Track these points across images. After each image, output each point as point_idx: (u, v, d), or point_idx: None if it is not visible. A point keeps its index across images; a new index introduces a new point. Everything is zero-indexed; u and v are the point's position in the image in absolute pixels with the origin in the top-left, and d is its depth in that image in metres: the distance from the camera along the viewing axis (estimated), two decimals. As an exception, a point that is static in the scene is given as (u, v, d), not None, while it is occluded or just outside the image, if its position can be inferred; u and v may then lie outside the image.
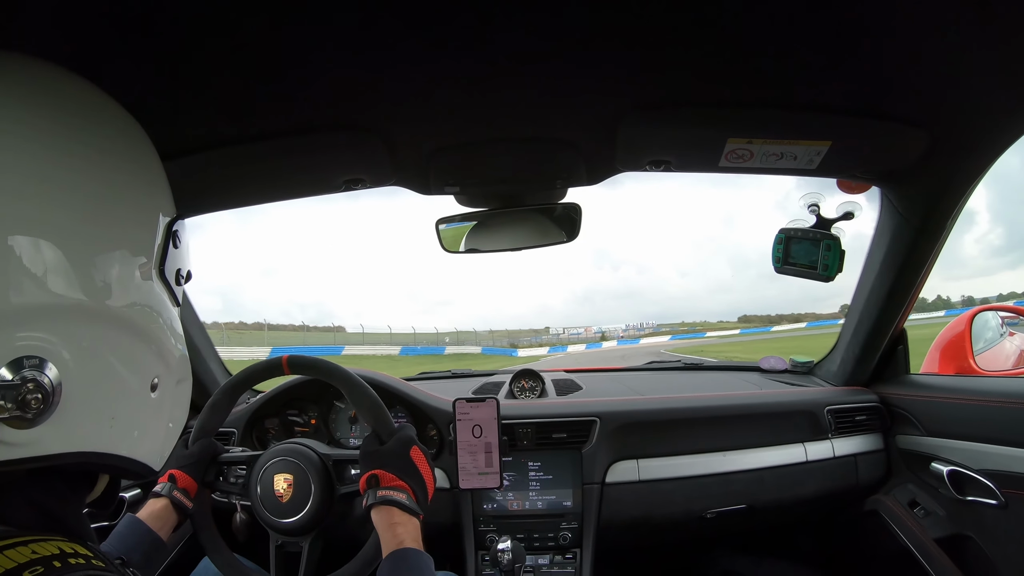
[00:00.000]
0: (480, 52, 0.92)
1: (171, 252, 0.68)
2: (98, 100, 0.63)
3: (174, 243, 0.68)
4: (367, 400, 1.14)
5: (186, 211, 0.72)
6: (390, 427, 1.11)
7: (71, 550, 0.49)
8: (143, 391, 0.62)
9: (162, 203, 0.68)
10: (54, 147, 0.55)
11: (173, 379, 0.69)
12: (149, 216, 0.65)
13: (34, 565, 0.44)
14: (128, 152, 0.64)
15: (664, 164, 1.26)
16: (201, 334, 1.85)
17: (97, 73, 0.65)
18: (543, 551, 1.67)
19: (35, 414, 0.50)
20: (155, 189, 0.67)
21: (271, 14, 0.80)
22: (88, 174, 0.57)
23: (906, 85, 1.00)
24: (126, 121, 0.66)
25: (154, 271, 0.65)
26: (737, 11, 0.83)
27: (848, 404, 1.80)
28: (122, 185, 0.61)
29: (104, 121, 0.62)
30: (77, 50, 0.82)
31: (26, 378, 0.49)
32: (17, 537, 0.47)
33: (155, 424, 0.66)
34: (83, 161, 0.57)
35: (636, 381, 2.24)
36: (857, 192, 1.36)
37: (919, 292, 1.60)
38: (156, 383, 0.64)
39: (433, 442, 1.75)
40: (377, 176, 1.32)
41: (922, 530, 1.63)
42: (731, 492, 1.70)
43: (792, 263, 1.41)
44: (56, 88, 0.58)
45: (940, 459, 1.58)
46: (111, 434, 0.58)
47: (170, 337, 0.68)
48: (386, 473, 1.02)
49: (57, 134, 0.56)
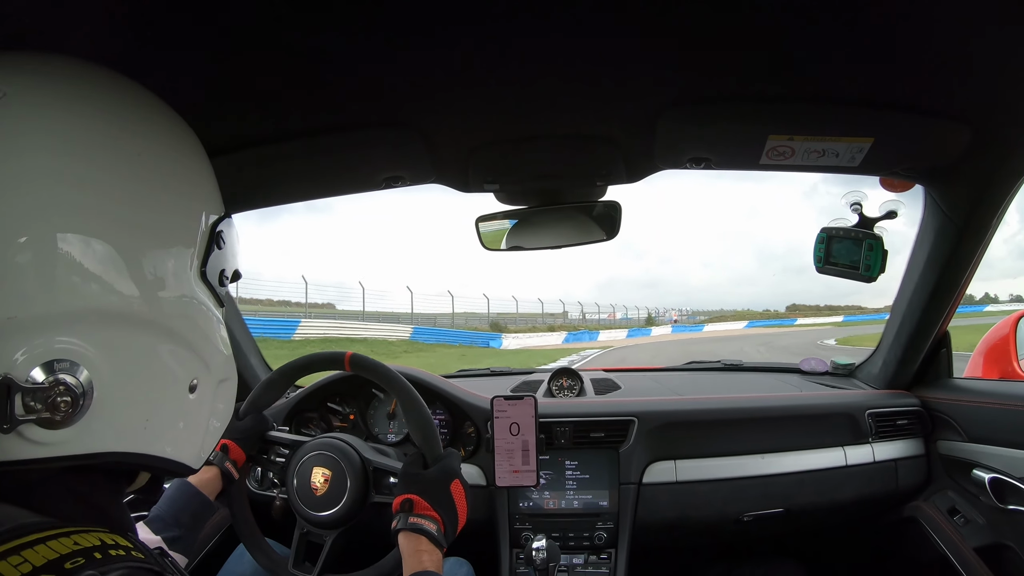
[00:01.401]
0: (519, 49, 0.93)
1: (215, 253, 0.67)
2: (142, 100, 0.64)
3: (217, 244, 0.68)
4: (420, 419, 1.14)
5: (229, 208, 0.75)
6: (437, 452, 1.11)
7: (112, 541, 0.50)
8: (181, 393, 0.63)
9: (206, 203, 0.68)
10: (94, 149, 0.56)
11: (214, 379, 0.69)
12: (190, 218, 0.65)
13: (75, 556, 0.46)
14: (170, 152, 0.64)
15: (704, 162, 1.26)
16: (242, 329, 1.90)
17: (144, 73, 0.66)
18: (578, 551, 1.66)
19: (64, 416, 0.51)
20: (199, 190, 0.68)
21: (311, 14, 0.82)
22: (128, 177, 0.58)
23: (949, 80, 1.00)
24: (171, 121, 0.66)
25: (195, 273, 0.65)
26: (777, 6, 0.83)
27: (889, 408, 1.76)
28: (163, 187, 0.61)
29: (145, 120, 0.62)
30: (125, 53, 0.85)
31: (57, 381, 0.51)
32: (60, 528, 0.48)
33: (194, 424, 0.66)
34: (124, 163, 0.58)
35: (675, 381, 2.23)
36: (900, 190, 1.36)
37: (963, 293, 1.57)
38: (195, 384, 0.64)
39: (471, 439, 1.77)
40: (417, 174, 1.35)
41: (961, 539, 1.59)
42: (769, 495, 1.68)
43: (834, 263, 1.40)
44: (99, 89, 0.60)
45: (982, 466, 1.55)
46: (145, 435, 0.59)
47: (211, 338, 0.68)
48: (422, 501, 1.01)
49: (96, 136, 0.57)
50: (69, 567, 0.44)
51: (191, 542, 1.09)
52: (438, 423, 1.19)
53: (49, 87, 0.56)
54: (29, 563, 0.43)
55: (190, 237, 0.65)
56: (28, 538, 0.45)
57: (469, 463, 1.74)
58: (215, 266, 0.68)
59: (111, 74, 0.62)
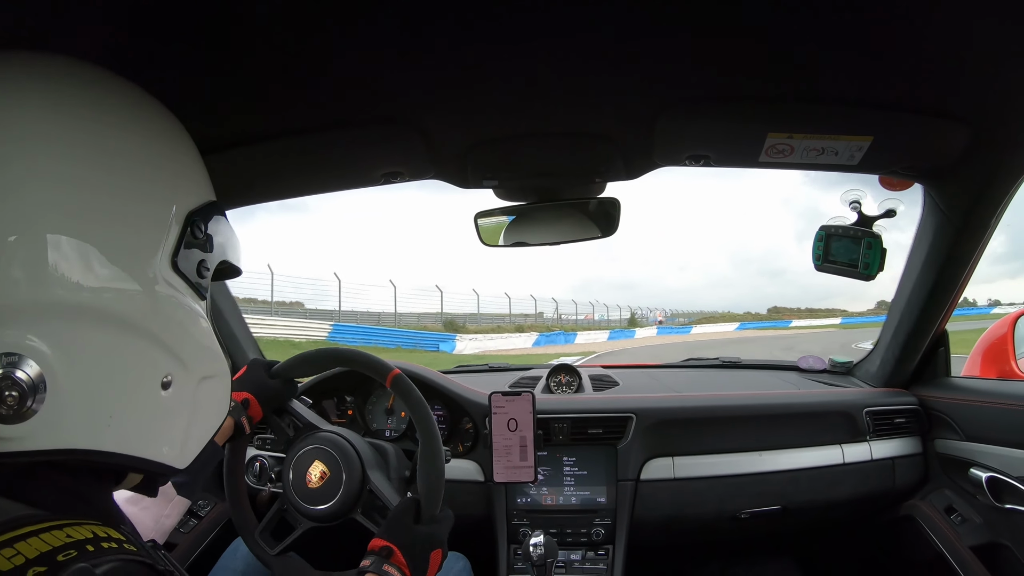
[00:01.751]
0: (517, 46, 0.93)
1: (191, 244, 0.65)
2: (113, 88, 0.62)
3: (193, 234, 0.65)
4: (434, 472, 1.11)
5: (226, 204, 0.73)
6: (434, 511, 1.09)
7: (104, 534, 0.50)
8: (150, 390, 0.61)
9: (178, 193, 0.65)
10: (49, 135, 0.54)
11: (194, 376, 0.66)
12: (157, 207, 0.62)
13: (68, 548, 0.46)
14: (144, 146, 0.62)
15: (703, 159, 1.26)
16: (239, 322, 1.90)
17: (140, 68, 0.67)
18: (575, 547, 1.67)
19: (14, 411, 0.50)
20: (172, 179, 0.65)
21: (310, 11, 0.82)
22: (89, 169, 0.56)
23: (948, 79, 1.00)
24: (143, 109, 0.64)
25: (165, 265, 0.62)
26: (777, 3, 0.83)
27: (887, 406, 1.77)
28: (128, 178, 0.59)
29: (113, 111, 0.61)
30: (119, 48, 0.85)
31: (4, 375, 0.50)
32: (53, 521, 0.48)
33: (171, 423, 0.64)
34: (82, 148, 0.56)
35: (672, 378, 2.23)
36: (899, 189, 1.35)
37: (961, 293, 1.58)
38: (168, 381, 0.62)
39: (469, 435, 1.77)
40: (416, 169, 1.35)
41: (957, 537, 1.60)
42: (766, 493, 1.69)
43: (832, 261, 1.40)
44: (72, 79, 0.59)
45: (979, 465, 1.55)
46: (111, 433, 0.57)
47: (188, 333, 0.65)
48: (401, 556, 0.98)
49: (55, 127, 0.55)
50: (61, 559, 0.44)
51: (196, 485, 1.10)
52: (436, 419, 1.18)
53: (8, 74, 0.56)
54: (22, 555, 0.43)
55: (156, 227, 0.61)
56: (21, 530, 0.46)
57: (467, 459, 1.75)
58: (191, 257, 0.65)
59: (77, 61, 0.61)
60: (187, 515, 1.68)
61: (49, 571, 0.43)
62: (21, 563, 0.42)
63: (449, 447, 1.23)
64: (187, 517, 1.67)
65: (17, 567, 0.42)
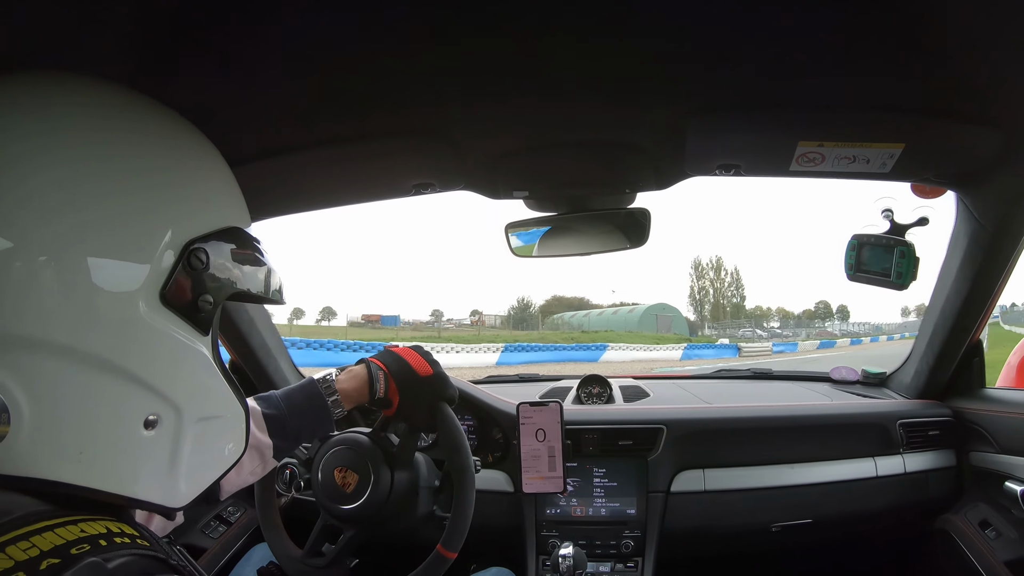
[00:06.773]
0: (545, 58, 0.93)
1: (186, 275, 0.60)
2: (121, 113, 0.61)
3: (191, 264, 0.60)
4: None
5: (255, 216, 0.69)
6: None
7: (118, 530, 0.51)
8: (129, 429, 0.58)
9: (181, 221, 0.61)
10: (38, 164, 0.53)
11: (189, 417, 0.62)
12: (145, 238, 0.58)
13: (81, 543, 0.47)
14: (141, 173, 0.59)
15: (734, 168, 1.26)
16: (272, 335, 1.91)
17: (164, 84, 0.67)
18: (604, 559, 1.66)
19: None
20: (177, 207, 0.61)
21: (337, 25, 0.83)
22: (67, 195, 0.54)
23: (980, 85, 0.99)
24: (153, 136, 0.62)
25: (151, 298, 0.58)
26: (805, 11, 0.83)
27: (921, 418, 1.74)
28: (112, 207, 0.56)
29: (105, 133, 0.59)
30: (144, 63, 0.85)
31: None
32: (67, 516, 0.49)
33: (159, 463, 0.61)
34: (63, 178, 0.54)
35: (703, 389, 2.21)
36: (932, 197, 1.35)
37: (996, 302, 1.56)
38: (153, 420, 0.59)
39: (498, 445, 1.78)
40: (446, 180, 1.36)
41: (992, 552, 1.56)
42: (797, 506, 1.67)
43: (864, 270, 1.39)
44: (46, 93, 0.58)
45: (1015, 478, 1.52)
46: (82, 468, 0.55)
47: (179, 372, 0.61)
48: None
49: (32, 151, 0.53)
50: (75, 552, 0.46)
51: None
52: (466, 429, 1.18)
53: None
54: (37, 547, 0.45)
55: (140, 257, 0.57)
56: (37, 525, 0.47)
57: (497, 469, 1.75)
58: (187, 289, 0.61)
59: (58, 76, 0.60)
60: (216, 520, 1.70)
61: (62, 563, 0.44)
62: (36, 555, 0.44)
63: (479, 457, 1.23)
64: (216, 523, 1.69)
65: (32, 559, 0.43)
